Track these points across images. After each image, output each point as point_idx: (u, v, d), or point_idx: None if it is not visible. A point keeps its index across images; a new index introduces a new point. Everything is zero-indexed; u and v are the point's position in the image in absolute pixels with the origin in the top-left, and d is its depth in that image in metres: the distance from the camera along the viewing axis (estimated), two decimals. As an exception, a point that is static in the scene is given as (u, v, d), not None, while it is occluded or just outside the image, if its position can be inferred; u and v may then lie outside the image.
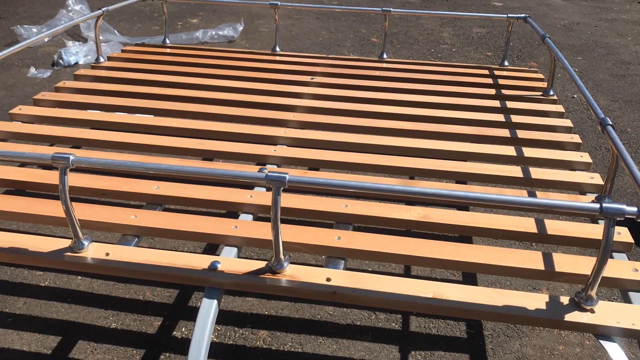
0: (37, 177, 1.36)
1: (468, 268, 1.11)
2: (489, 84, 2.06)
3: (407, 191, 0.93)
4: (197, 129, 1.65)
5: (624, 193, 2.48)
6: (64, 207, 1.00)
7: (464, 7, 5.62)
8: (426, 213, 1.24)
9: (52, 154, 0.97)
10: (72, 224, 1.05)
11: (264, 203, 1.27)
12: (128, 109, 1.77)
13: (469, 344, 1.66)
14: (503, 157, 1.54)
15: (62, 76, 3.58)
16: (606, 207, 0.85)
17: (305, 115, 1.75)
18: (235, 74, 2.07)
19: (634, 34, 4.96)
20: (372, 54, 4.18)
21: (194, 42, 4.27)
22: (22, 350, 1.60)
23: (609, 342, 0.95)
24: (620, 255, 1.16)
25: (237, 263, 1.08)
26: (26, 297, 1.78)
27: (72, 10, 4.55)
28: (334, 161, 1.50)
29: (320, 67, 2.15)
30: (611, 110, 3.36)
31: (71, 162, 0.96)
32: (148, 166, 0.99)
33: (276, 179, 0.91)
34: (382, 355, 1.60)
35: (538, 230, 1.20)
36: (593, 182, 1.42)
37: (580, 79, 1.47)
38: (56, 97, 1.84)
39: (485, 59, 4.21)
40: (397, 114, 1.78)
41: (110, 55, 2.24)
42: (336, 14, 5.17)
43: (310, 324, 1.71)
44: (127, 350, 1.61)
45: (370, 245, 1.13)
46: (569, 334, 1.70)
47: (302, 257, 1.95)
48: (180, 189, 1.32)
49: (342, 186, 0.93)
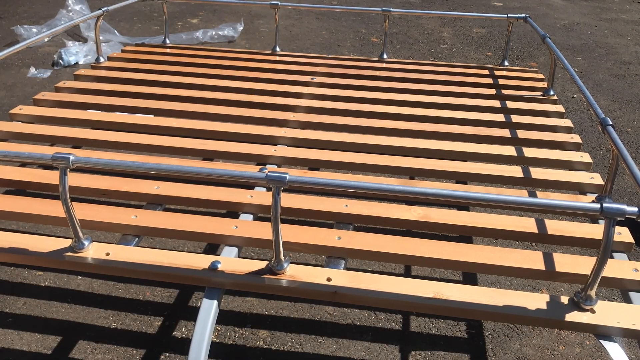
0: (37, 177, 1.36)
1: (468, 268, 1.11)
2: (489, 84, 2.06)
3: (408, 191, 0.93)
4: (197, 129, 1.65)
5: (624, 193, 2.48)
6: (64, 207, 1.00)
7: (464, 7, 5.62)
8: (426, 213, 1.24)
9: (52, 154, 0.97)
10: (73, 224, 1.05)
11: (264, 203, 1.27)
12: (128, 109, 1.77)
13: (469, 344, 1.66)
14: (503, 157, 1.54)
15: (62, 76, 3.58)
16: (607, 207, 0.85)
17: (305, 115, 1.75)
18: (235, 74, 2.07)
19: (634, 34, 4.96)
20: (372, 54, 4.18)
21: (194, 42, 4.26)
22: (22, 350, 1.60)
23: (609, 342, 0.95)
24: (621, 255, 1.16)
25: (237, 263, 1.08)
26: (26, 297, 1.78)
27: (72, 10, 4.55)
28: (334, 161, 1.50)
29: (320, 67, 2.15)
30: (611, 110, 3.36)
31: (71, 162, 0.96)
32: (148, 166, 0.99)
33: (276, 179, 0.91)
34: (382, 355, 1.60)
35: (538, 230, 1.20)
36: (593, 182, 1.42)
37: (580, 79, 1.47)
38: (56, 97, 1.84)
39: (485, 59, 4.21)
40: (397, 114, 1.78)
41: (110, 55, 2.24)
42: (336, 14, 5.17)
43: (310, 324, 1.71)
44: (127, 350, 1.61)
45: (371, 245, 1.13)
46: (568, 334, 1.70)
47: (302, 257, 1.95)
48: (181, 189, 1.32)
49: (343, 186, 0.93)
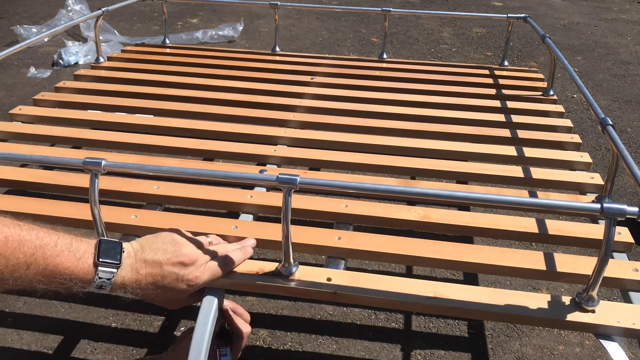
0: (37, 177, 1.36)
1: (468, 268, 1.10)
2: (489, 83, 2.05)
3: (420, 193, 0.92)
4: (197, 129, 1.64)
5: (624, 193, 2.48)
6: (93, 211, 0.99)
7: (463, 7, 5.62)
8: (427, 213, 1.24)
9: (83, 159, 0.96)
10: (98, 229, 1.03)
11: (265, 203, 1.27)
12: (128, 109, 1.77)
13: (469, 343, 1.66)
14: (503, 157, 1.54)
15: (62, 76, 3.58)
16: (607, 207, 0.85)
17: (305, 115, 1.75)
18: (235, 74, 2.07)
19: (634, 34, 4.96)
20: (372, 54, 4.18)
21: (194, 42, 4.27)
22: (22, 350, 1.60)
23: (609, 342, 0.95)
24: (621, 255, 1.16)
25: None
26: (26, 297, 1.77)
27: (72, 10, 4.55)
28: (334, 161, 1.50)
29: (320, 67, 2.15)
30: (611, 110, 3.36)
31: (103, 167, 0.96)
32: (184, 171, 0.98)
33: (287, 181, 0.90)
34: (382, 355, 1.60)
35: (538, 230, 1.20)
36: (593, 182, 1.41)
37: (580, 79, 1.47)
38: (56, 97, 1.84)
39: (485, 59, 4.22)
40: (397, 113, 1.77)
41: (110, 55, 2.23)
42: (336, 14, 5.17)
43: (310, 324, 1.71)
44: (127, 350, 1.61)
45: (371, 245, 1.13)
46: (568, 334, 1.70)
47: (302, 257, 1.95)
48: (181, 189, 1.32)
49: (352, 188, 0.92)
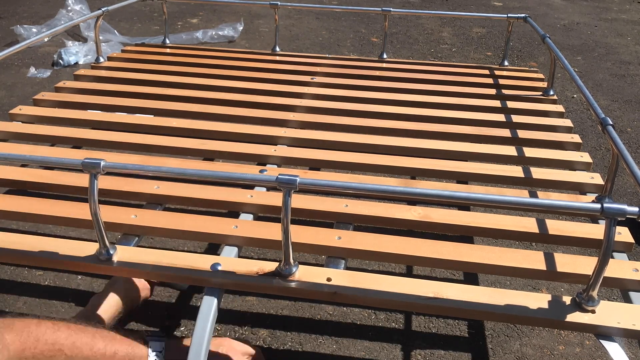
0: (37, 177, 1.36)
1: (468, 268, 1.10)
2: (489, 83, 2.05)
3: (421, 193, 0.93)
4: (197, 128, 1.64)
5: (624, 193, 2.48)
6: (92, 212, 0.99)
7: (463, 7, 5.62)
8: (427, 213, 1.24)
9: (82, 160, 0.97)
10: (99, 230, 1.03)
11: (265, 203, 1.27)
12: (128, 109, 1.77)
13: (469, 343, 1.66)
14: (503, 157, 1.54)
15: (62, 76, 3.57)
16: (607, 207, 0.85)
17: (305, 115, 1.75)
18: (236, 74, 2.07)
19: (634, 34, 4.96)
20: (372, 54, 4.18)
21: (194, 42, 4.26)
22: (22, 350, 1.60)
23: (609, 342, 0.95)
24: (621, 255, 1.16)
25: (237, 263, 1.08)
26: (26, 297, 1.77)
27: (72, 10, 4.55)
28: (334, 161, 1.50)
29: (320, 67, 2.15)
30: (611, 110, 3.36)
31: (102, 167, 0.96)
32: (182, 172, 0.98)
33: (287, 182, 0.90)
34: (382, 355, 1.60)
35: (539, 230, 1.20)
36: (593, 182, 1.42)
37: (580, 79, 1.47)
38: (56, 97, 1.84)
39: (485, 59, 4.21)
40: (397, 113, 1.77)
41: (110, 55, 2.23)
42: (336, 14, 5.17)
43: (310, 324, 1.71)
44: (128, 350, 1.61)
45: (371, 245, 1.13)
46: (568, 334, 1.70)
47: (302, 257, 1.95)
48: (181, 188, 1.32)
49: (353, 188, 0.93)
